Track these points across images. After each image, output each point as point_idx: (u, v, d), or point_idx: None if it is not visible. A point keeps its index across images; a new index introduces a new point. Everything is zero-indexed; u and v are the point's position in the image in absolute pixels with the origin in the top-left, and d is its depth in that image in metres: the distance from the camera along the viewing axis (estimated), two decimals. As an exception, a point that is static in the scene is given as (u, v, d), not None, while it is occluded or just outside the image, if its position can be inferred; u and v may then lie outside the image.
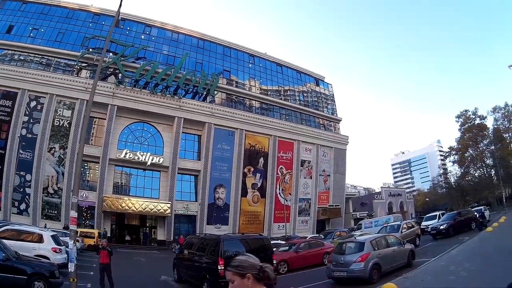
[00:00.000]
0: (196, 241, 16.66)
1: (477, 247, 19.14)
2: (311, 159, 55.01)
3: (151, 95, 43.21)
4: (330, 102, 62.97)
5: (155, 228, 43.90)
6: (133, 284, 16.58)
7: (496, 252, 15.62)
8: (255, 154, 49.55)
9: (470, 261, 14.32)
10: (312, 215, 54.00)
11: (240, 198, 47.15)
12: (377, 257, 14.80)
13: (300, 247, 21.51)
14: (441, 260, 16.31)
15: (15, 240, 15.44)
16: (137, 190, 43.02)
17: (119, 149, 41.68)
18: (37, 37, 43.16)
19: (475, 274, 11.97)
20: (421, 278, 12.94)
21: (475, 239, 22.21)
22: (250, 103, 52.17)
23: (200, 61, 49.16)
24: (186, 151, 45.64)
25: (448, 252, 18.45)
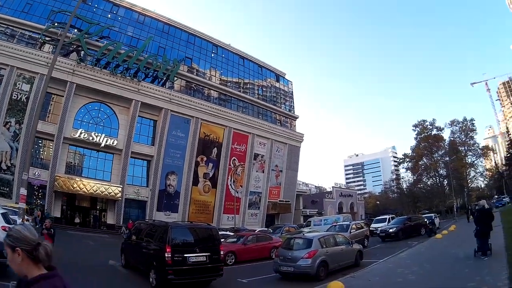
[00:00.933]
0: (144, 227, 16.71)
1: (426, 252, 19.94)
2: (264, 153, 57.70)
3: (111, 75, 43.58)
4: (288, 99, 65.97)
5: (105, 212, 44.49)
6: (80, 268, 15.94)
7: (444, 258, 16.33)
8: (209, 143, 51.35)
9: (418, 265, 14.98)
10: (262, 209, 56.67)
11: (191, 187, 48.80)
12: (324, 254, 15.37)
13: (248, 239, 22.13)
14: (389, 262, 17.22)
15: None
16: (90, 171, 43.42)
17: (75, 128, 41.68)
18: (4, 6, 41.92)
19: (423, 278, 12.42)
20: (368, 278, 13.57)
21: (424, 244, 23.49)
22: (208, 92, 53.87)
23: (163, 45, 50.13)
24: (141, 135, 46.58)
25: (396, 255, 19.46)
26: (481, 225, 14.57)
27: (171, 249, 12.58)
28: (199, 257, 13.10)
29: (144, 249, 14.68)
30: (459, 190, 75.71)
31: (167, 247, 12.59)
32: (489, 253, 14.47)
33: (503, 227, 24.09)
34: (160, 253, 12.92)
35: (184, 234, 14.04)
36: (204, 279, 13.66)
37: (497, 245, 15.77)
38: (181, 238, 13.53)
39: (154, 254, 13.61)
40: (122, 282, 14.89)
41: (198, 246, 13.42)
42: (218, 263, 13.81)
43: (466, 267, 13.12)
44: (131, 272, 15.78)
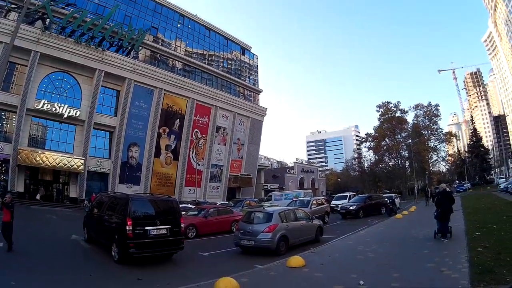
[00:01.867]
0: (106, 200, 16.46)
1: (386, 231, 20.42)
2: (227, 127, 60.03)
3: (76, 44, 43.39)
4: (253, 72, 68.31)
5: (67, 185, 44.93)
6: (42, 243, 16.58)
7: (404, 238, 16.80)
8: (172, 115, 52.65)
9: (378, 244, 15.37)
10: (224, 182, 59.24)
11: (153, 159, 50.19)
12: (285, 229, 15.75)
13: (209, 213, 22.49)
14: (349, 239, 17.78)
15: None
16: (52, 143, 43.50)
17: (38, 99, 41.36)
18: None
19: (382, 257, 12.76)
20: (328, 254, 13.91)
21: (384, 223, 24.33)
22: (173, 63, 54.99)
23: (129, 14, 50.01)
24: (104, 106, 47.03)
25: (356, 232, 20.25)
26: (442, 207, 15.00)
27: (132, 222, 12.74)
28: (160, 230, 13.34)
29: (106, 222, 14.77)
30: (421, 172, 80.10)
31: (128, 220, 12.74)
32: (449, 235, 14.96)
33: (463, 212, 25.49)
34: (121, 226, 13.04)
35: (145, 206, 14.11)
36: (165, 253, 13.96)
37: (457, 228, 16.55)
38: (142, 211, 13.65)
39: (115, 227, 13.67)
40: (85, 256, 14.85)
41: (159, 218, 13.63)
42: (179, 236, 14.10)
43: (425, 248, 13.49)
44: (94, 247, 15.95)
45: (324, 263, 12.13)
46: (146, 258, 13.16)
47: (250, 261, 13.67)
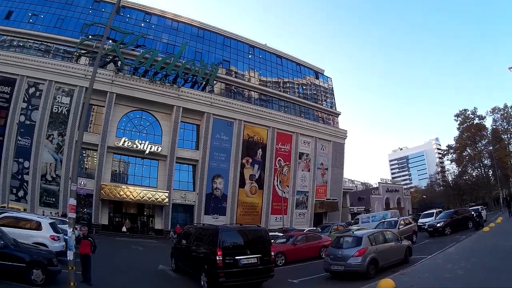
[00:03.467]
0: (194, 231, 16.45)
1: (474, 246, 19.07)
2: (309, 152, 55.30)
3: (150, 83, 43.20)
4: (329, 95, 63.34)
5: (152, 217, 43.93)
6: (131, 273, 16.54)
7: (492, 251, 15.73)
8: (254, 145, 49.66)
9: (466, 260, 14.36)
10: (310, 208, 54.36)
11: (238, 189, 47.29)
12: (374, 252, 14.98)
13: (298, 239, 21.57)
14: (437, 258, 16.45)
15: (13, 228, 15.26)
16: (135, 178, 43.22)
17: (118, 137, 41.70)
18: (37, 23, 42.87)
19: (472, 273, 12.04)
20: (418, 275, 13.04)
21: (471, 238, 22.31)
22: (249, 94, 52.34)
23: (199, 50, 49.13)
24: (185, 141, 45.74)
25: (444, 250, 18.58)
26: None
27: (222, 252, 12.43)
28: (250, 259, 12.89)
29: (194, 252, 14.62)
30: (505, 180, 71.08)
31: (218, 250, 12.44)
32: None
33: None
34: (211, 256, 12.79)
35: (234, 236, 13.67)
36: (255, 281, 13.37)
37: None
38: (231, 241, 13.23)
39: (204, 257, 13.49)
40: (173, 286, 14.97)
41: (249, 248, 13.15)
42: (269, 264, 13.49)
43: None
44: (182, 276, 15.83)
45: (414, 284, 11.48)
46: (235, 286, 12.66)
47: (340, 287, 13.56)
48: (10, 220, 16.41)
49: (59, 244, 16.35)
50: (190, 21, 50.95)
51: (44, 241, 15.52)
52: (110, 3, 44.95)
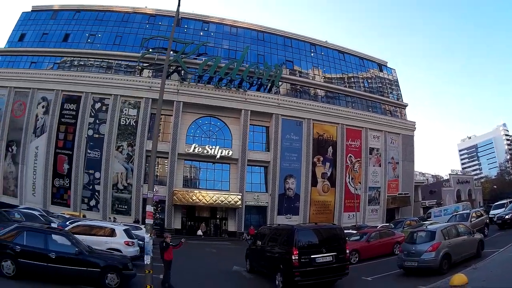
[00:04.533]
0: (268, 232, 16.42)
1: None
2: (379, 147, 51.97)
3: (216, 89, 42.72)
4: (394, 87, 59.29)
5: (225, 220, 43.55)
6: (206, 275, 16.62)
7: None
8: (324, 143, 47.31)
9: None
10: (382, 204, 51.12)
11: (310, 188, 45.14)
12: (447, 246, 14.35)
13: (372, 236, 20.96)
14: (509, 251, 15.71)
15: (87, 235, 15.88)
16: (207, 183, 42.93)
17: (188, 143, 41.68)
18: (95, 42, 45.02)
19: None
20: (490, 269, 12.54)
21: None
22: (315, 92, 50.00)
23: (261, 53, 47.85)
24: (255, 143, 44.67)
25: None
26: None
27: (298, 251, 12.28)
28: (325, 257, 12.64)
29: (269, 253, 14.61)
30: None
31: (294, 250, 12.30)
32: None
33: None
34: (286, 256, 12.68)
35: (309, 235, 13.47)
36: (330, 279, 13.16)
37: None
38: (307, 240, 13.03)
39: (280, 257, 13.39)
40: (248, 286, 15.12)
41: (324, 246, 12.89)
42: (344, 262, 13.20)
43: None
44: (256, 276, 15.89)
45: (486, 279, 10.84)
46: (310, 285, 12.43)
47: (413, 283, 13.02)
48: (84, 228, 17.09)
49: (133, 249, 16.80)
50: (249, 26, 50.06)
51: (119, 246, 16.05)
52: (166, 16, 46.24)
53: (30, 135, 41.85)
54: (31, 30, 47.00)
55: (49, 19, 47.40)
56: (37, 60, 44.56)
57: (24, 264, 11.35)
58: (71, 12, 47.43)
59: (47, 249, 11.58)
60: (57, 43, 45.15)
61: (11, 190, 41.85)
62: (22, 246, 11.51)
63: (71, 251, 11.76)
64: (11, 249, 11.43)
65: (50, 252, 11.50)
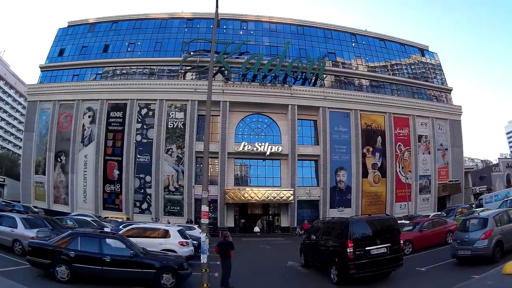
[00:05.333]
0: (322, 226, 16.42)
1: None
2: (427, 134, 51.11)
3: (261, 86, 43.31)
4: (438, 71, 57.99)
5: (278, 216, 44.02)
6: (261, 271, 16.86)
7: None
8: (372, 133, 47.06)
9: None
10: (433, 192, 50.25)
11: (361, 180, 45.06)
12: (500, 233, 13.95)
13: (424, 226, 20.62)
14: None
15: (141, 238, 16.42)
16: (258, 179, 43.61)
17: (237, 142, 42.58)
18: (135, 50, 46.87)
19: None
20: None
21: None
22: (359, 82, 49.78)
23: (302, 47, 47.87)
24: (304, 137, 44.85)
25: None
26: None
27: (353, 243, 12.31)
28: (380, 249, 12.62)
29: (323, 247, 14.72)
30: None
31: (349, 242, 12.34)
32: None
33: None
34: (341, 249, 12.73)
35: (364, 227, 13.45)
36: (384, 271, 13.11)
37: None
38: (361, 232, 13.02)
39: (334, 250, 13.47)
40: (302, 280, 14.97)
41: (378, 238, 12.84)
42: (398, 253, 13.09)
43: None
44: (311, 271, 16.01)
45: None
46: (365, 277, 12.51)
47: (466, 272, 12.78)
48: (138, 231, 17.78)
49: (188, 249, 17.24)
50: (287, 21, 50.37)
51: (173, 247, 16.59)
52: (203, 18, 47.33)
53: (78, 145, 44.21)
54: (69, 44, 49.46)
55: (86, 33, 49.76)
56: (79, 73, 47.07)
57: (78, 268, 11.88)
58: (108, 24, 49.56)
59: (101, 253, 12.07)
60: (97, 55, 47.28)
61: (62, 198, 44.38)
62: (77, 252, 12.01)
63: (126, 254, 12.23)
64: (65, 254, 11.96)
65: (105, 256, 11.98)
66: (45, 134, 45.92)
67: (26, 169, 46.66)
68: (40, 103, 46.69)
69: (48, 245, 12.47)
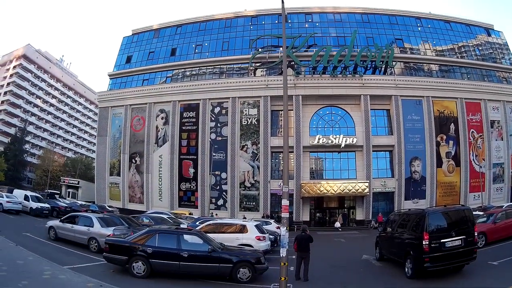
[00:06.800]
0: (398, 218, 16.43)
1: None
2: (499, 119, 49.94)
3: (332, 78, 44.06)
4: (505, 51, 56.42)
5: (353, 209, 44.41)
6: (336, 264, 17.10)
7: None
8: (445, 120, 46.61)
9: None
10: (507, 181, 49.00)
11: (436, 169, 44.79)
12: None
13: (498, 217, 20.04)
14: None
15: (218, 233, 17.21)
16: (334, 172, 44.23)
17: (311, 135, 43.47)
18: (203, 52, 48.55)
19: None
20: None
21: None
22: (428, 67, 49.30)
23: (369, 35, 48.02)
24: (378, 128, 45.02)
25: None
26: None
27: (428, 236, 12.20)
28: (454, 242, 12.40)
29: (398, 239, 14.66)
30: None
31: (425, 235, 12.25)
32: None
33: None
34: (416, 241, 12.72)
35: (439, 219, 13.22)
36: (458, 264, 12.91)
37: None
38: (436, 224, 12.87)
39: (409, 243, 13.39)
40: (376, 274, 15.01)
41: (454, 229, 12.65)
42: (472, 246, 12.83)
43: None
44: (386, 264, 16.08)
45: None
46: (438, 271, 12.50)
47: None
48: (214, 227, 18.65)
49: (265, 243, 17.97)
50: (351, 9, 50.46)
51: (250, 242, 17.19)
52: (267, 15, 48.63)
53: (152, 146, 46.69)
54: (136, 51, 52.23)
55: (152, 39, 52.32)
56: (148, 77, 49.77)
57: (156, 264, 12.48)
58: (172, 28, 51.73)
59: (179, 249, 12.58)
60: (165, 58, 49.62)
61: (137, 197, 47.01)
62: (154, 248, 12.61)
63: (204, 249, 12.70)
64: (142, 251, 12.59)
65: (183, 251, 12.50)
66: (118, 137, 48.91)
67: (100, 171, 49.82)
68: (112, 109, 49.87)
69: (126, 242, 13.25)
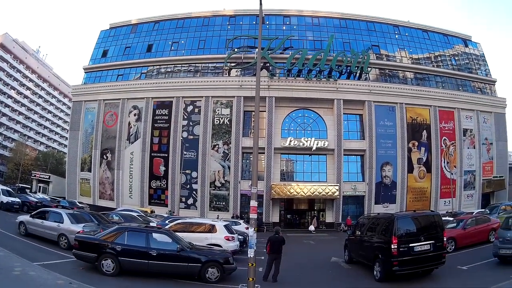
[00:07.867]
0: (367, 221, 16.78)
1: None
2: (472, 127, 51.74)
3: (306, 81, 44.83)
4: (481, 62, 58.05)
5: (323, 211, 45.27)
6: (305, 266, 17.60)
7: None
8: (418, 127, 47.91)
9: None
10: (477, 188, 50.92)
11: (407, 175, 45.95)
12: None
13: (468, 223, 20.60)
14: None
15: (187, 232, 17.44)
16: (304, 175, 44.88)
17: (283, 137, 44.00)
18: (179, 49, 48.91)
19: None
20: None
21: None
22: (404, 75, 50.53)
23: (346, 40, 48.89)
24: (350, 132, 45.98)
25: None
26: None
27: (397, 240, 12.63)
28: (423, 246, 12.88)
29: (367, 243, 15.01)
30: None
31: (394, 239, 12.65)
32: None
33: None
34: (385, 245, 13.11)
35: (408, 223, 13.68)
36: (427, 268, 13.46)
37: None
38: (405, 228, 13.30)
39: (378, 246, 13.78)
40: (345, 276, 15.52)
41: (423, 234, 13.13)
42: (441, 251, 13.33)
43: None
44: (354, 267, 16.55)
45: None
46: (407, 275, 12.92)
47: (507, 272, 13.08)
48: (184, 226, 18.80)
49: (234, 243, 18.22)
50: (329, 14, 51.30)
51: (219, 242, 17.48)
52: (246, 15, 49.19)
53: (124, 142, 46.99)
54: (112, 45, 52.43)
55: (129, 33, 52.55)
56: (123, 73, 49.96)
57: (125, 262, 12.55)
58: (150, 24, 52.05)
59: (148, 247, 12.73)
60: (141, 54, 49.90)
61: (107, 194, 47.33)
62: (123, 246, 12.68)
63: (173, 248, 12.88)
64: (111, 248, 12.63)
65: (152, 250, 12.66)
66: (90, 132, 49.06)
67: (72, 166, 49.98)
68: (85, 103, 50.05)
69: (95, 239, 13.24)
